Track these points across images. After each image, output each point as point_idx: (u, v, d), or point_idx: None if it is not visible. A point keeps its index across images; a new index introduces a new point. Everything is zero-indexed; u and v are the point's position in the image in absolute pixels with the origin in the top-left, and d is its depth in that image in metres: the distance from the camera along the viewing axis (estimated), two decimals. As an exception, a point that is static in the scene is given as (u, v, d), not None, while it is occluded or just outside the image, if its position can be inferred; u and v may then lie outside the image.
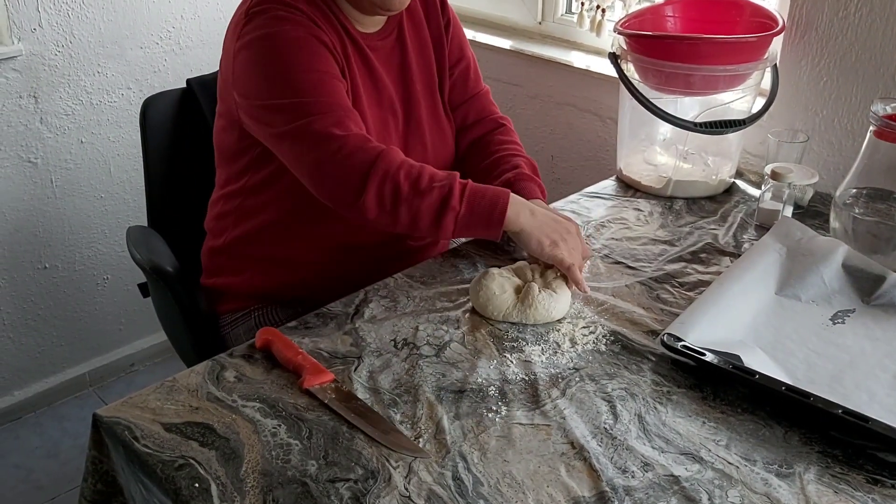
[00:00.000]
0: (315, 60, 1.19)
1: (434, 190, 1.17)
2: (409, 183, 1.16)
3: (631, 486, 0.90)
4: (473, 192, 1.19)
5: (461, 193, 1.18)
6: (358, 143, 1.16)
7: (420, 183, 1.17)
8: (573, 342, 1.14)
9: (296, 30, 1.19)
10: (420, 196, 1.16)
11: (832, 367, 1.08)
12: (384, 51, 1.33)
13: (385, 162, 1.16)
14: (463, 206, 1.17)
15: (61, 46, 1.99)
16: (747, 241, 1.41)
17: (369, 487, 0.89)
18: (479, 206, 1.18)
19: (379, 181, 1.16)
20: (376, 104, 1.32)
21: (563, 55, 2.02)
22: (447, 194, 1.17)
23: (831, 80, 1.56)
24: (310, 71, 1.18)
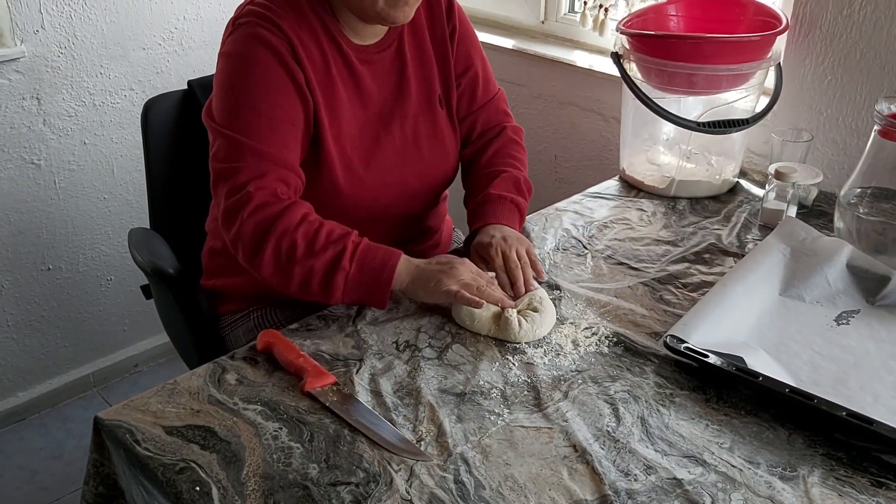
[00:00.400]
0: (273, 103, 1.20)
1: (328, 249, 1.16)
2: (305, 242, 1.16)
3: (634, 489, 0.90)
4: (364, 252, 1.17)
5: (352, 253, 1.16)
6: (264, 200, 1.17)
7: (316, 242, 1.16)
8: (575, 344, 1.14)
9: (268, 59, 1.20)
10: (314, 255, 1.16)
11: (836, 368, 1.08)
12: (381, 64, 1.32)
13: (285, 221, 1.16)
14: (353, 266, 1.16)
15: (64, 48, 1.99)
16: (751, 242, 1.40)
17: (371, 491, 0.89)
18: (369, 265, 1.16)
19: (276, 240, 1.16)
20: (363, 118, 1.30)
21: (566, 54, 2.01)
22: (340, 253, 1.16)
23: (835, 78, 1.56)
24: (264, 113, 1.19)
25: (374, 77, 1.31)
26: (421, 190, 1.38)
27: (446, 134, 1.39)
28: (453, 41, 1.39)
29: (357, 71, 1.29)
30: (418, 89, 1.35)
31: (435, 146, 1.38)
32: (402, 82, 1.34)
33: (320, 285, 1.17)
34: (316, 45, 1.24)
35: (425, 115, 1.36)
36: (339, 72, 1.27)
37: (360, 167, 1.29)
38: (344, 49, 1.27)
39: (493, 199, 1.34)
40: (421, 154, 1.36)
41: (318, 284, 1.17)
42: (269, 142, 1.20)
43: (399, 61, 1.33)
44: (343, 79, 1.28)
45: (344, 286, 1.16)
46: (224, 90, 1.23)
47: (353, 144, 1.28)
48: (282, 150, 1.21)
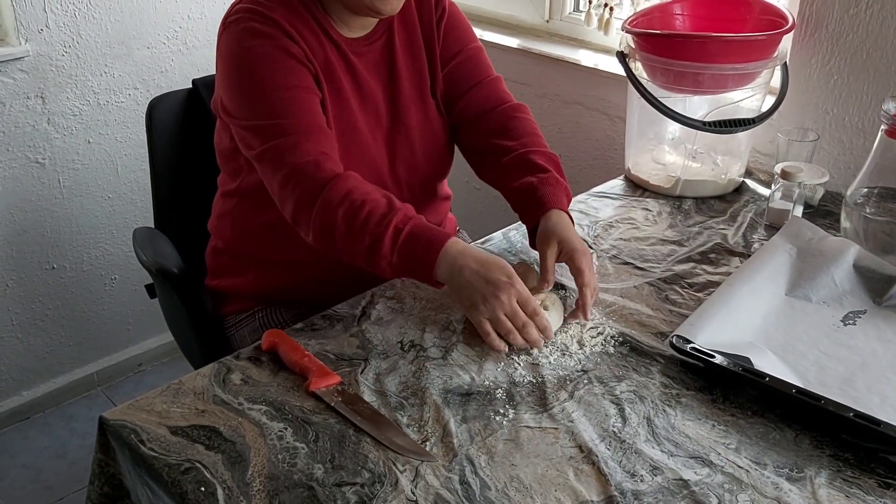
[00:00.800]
0: (283, 76, 1.20)
1: (366, 235, 1.12)
2: (345, 223, 1.13)
3: (640, 490, 0.89)
4: (407, 240, 1.12)
5: (393, 242, 1.11)
6: (309, 172, 1.16)
7: (355, 223, 1.13)
8: (581, 344, 1.13)
9: (264, 46, 1.20)
10: (352, 239, 1.13)
11: (843, 369, 1.07)
12: (371, 56, 1.31)
13: (328, 196, 1.14)
14: (395, 256, 1.12)
15: (68, 47, 1.99)
16: (757, 241, 1.40)
17: (376, 492, 0.89)
18: (410, 257, 1.12)
19: (320, 215, 1.15)
20: (360, 108, 1.30)
21: (570, 54, 2.01)
22: (377, 240, 1.12)
23: (842, 78, 1.55)
24: (278, 89, 1.19)
25: (367, 68, 1.31)
26: (414, 182, 1.38)
27: (437, 123, 1.39)
28: (440, 29, 1.37)
29: (352, 61, 1.29)
30: (409, 81, 1.35)
31: (427, 138, 1.37)
32: (392, 74, 1.33)
33: (369, 267, 1.15)
34: (312, 35, 1.24)
35: (417, 106, 1.36)
36: (337, 60, 1.27)
37: (353, 155, 1.29)
38: (336, 40, 1.27)
39: (553, 183, 1.27)
40: (413, 146, 1.36)
41: (366, 265, 1.15)
42: (292, 113, 1.19)
43: (388, 53, 1.33)
44: (342, 67, 1.28)
45: (391, 271, 1.15)
46: (234, 88, 1.23)
47: (351, 130, 1.29)
48: (306, 115, 1.19)
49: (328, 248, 1.17)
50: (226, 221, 1.40)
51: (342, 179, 1.16)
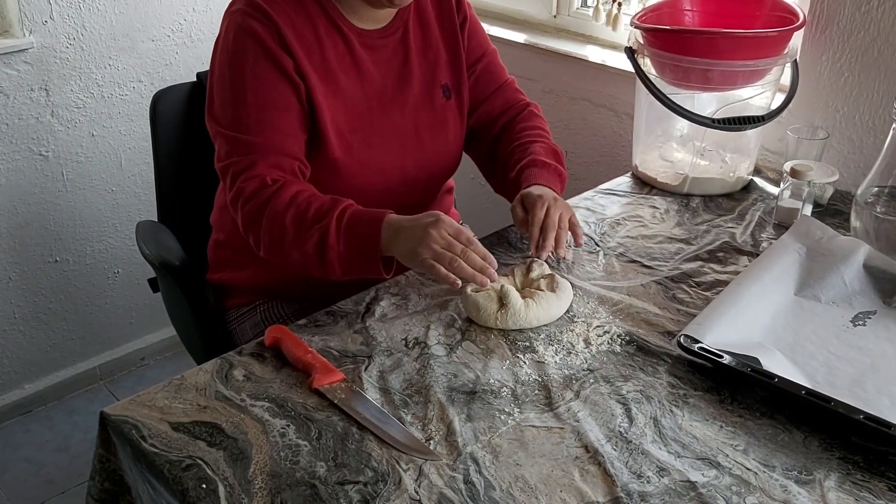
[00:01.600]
0: (262, 94, 1.21)
1: (315, 230, 1.15)
2: (294, 224, 1.16)
3: (646, 491, 0.88)
4: (349, 225, 1.14)
5: (337, 229, 1.14)
6: (253, 189, 1.19)
7: (303, 223, 1.15)
8: (587, 343, 1.12)
9: (255, 50, 1.21)
10: (302, 239, 1.16)
11: (853, 370, 1.06)
12: (384, 50, 1.31)
13: (274, 206, 1.17)
14: (341, 243, 1.14)
15: (72, 39, 1.98)
16: (765, 240, 1.38)
17: (379, 490, 0.88)
18: (355, 239, 1.14)
19: (269, 226, 1.17)
20: (363, 102, 1.30)
21: (578, 49, 1.99)
22: (325, 232, 1.14)
23: (852, 75, 1.53)
24: (252, 106, 1.21)
25: (377, 62, 1.31)
26: (420, 178, 1.37)
27: (450, 123, 1.38)
28: (464, 31, 1.39)
29: (358, 54, 1.28)
30: (421, 78, 1.35)
31: (436, 135, 1.37)
32: (404, 70, 1.33)
33: (319, 268, 1.17)
34: (311, 29, 1.24)
35: (427, 103, 1.36)
36: (339, 56, 1.27)
37: (358, 150, 1.29)
38: (345, 32, 1.27)
39: (538, 164, 1.33)
40: (421, 142, 1.35)
41: (317, 267, 1.17)
42: (260, 131, 1.21)
43: (403, 49, 1.33)
44: (342, 63, 1.27)
45: (340, 265, 1.16)
46: (217, 89, 1.25)
47: (352, 127, 1.28)
48: (273, 136, 1.21)
49: (279, 256, 1.20)
50: (227, 214, 1.39)
51: (286, 188, 1.19)
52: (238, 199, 1.20)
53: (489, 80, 1.44)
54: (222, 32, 1.26)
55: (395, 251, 1.14)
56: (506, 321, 1.13)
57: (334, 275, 1.17)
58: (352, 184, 1.29)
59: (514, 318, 1.13)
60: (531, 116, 1.45)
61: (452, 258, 1.11)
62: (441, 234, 1.12)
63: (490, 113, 1.45)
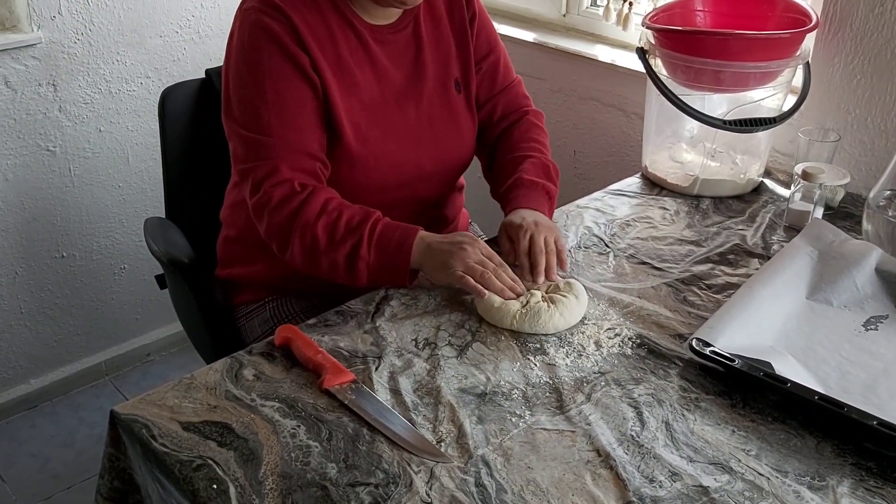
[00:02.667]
0: (285, 91, 1.21)
1: (347, 240, 1.18)
2: (326, 234, 1.18)
3: (658, 496, 0.88)
4: (381, 237, 1.18)
5: (369, 240, 1.18)
6: (282, 196, 1.19)
7: (336, 233, 1.18)
8: (598, 345, 1.12)
9: (271, 49, 1.20)
10: (335, 247, 1.18)
11: (865, 375, 1.05)
12: (397, 45, 1.31)
13: (304, 215, 1.19)
14: (372, 253, 1.17)
15: (81, 34, 1.97)
16: (776, 243, 1.38)
17: (390, 492, 0.87)
18: (385, 252, 1.18)
19: (300, 234, 1.19)
20: (378, 97, 1.30)
21: (587, 49, 1.99)
22: (357, 242, 1.17)
23: (865, 78, 1.52)
24: (272, 106, 1.21)
25: (390, 57, 1.31)
26: (435, 173, 1.37)
27: (462, 118, 1.38)
28: (473, 27, 1.38)
29: (372, 50, 1.28)
30: (434, 72, 1.35)
31: (450, 129, 1.37)
32: (417, 64, 1.33)
33: (345, 275, 1.20)
34: (324, 25, 1.24)
35: (441, 97, 1.36)
36: (352, 51, 1.27)
37: (374, 144, 1.29)
38: (357, 28, 1.27)
39: (524, 184, 1.32)
40: (436, 136, 1.35)
41: (344, 274, 1.20)
42: (279, 132, 1.21)
43: (415, 43, 1.33)
44: (356, 58, 1.27)
45: (367, 273, 1.19)
46: (233, 88, 1.25)
47: (368, 121, 1.28)
48: (293, 135, 1.22)
49: (309, 264, 1.22)
50: (239, 210, 1.39)
51: (315, 195, 1.20)
52: (266, 206, 1.20)
53: (496, 79, 1.43)
54: (235, 31, 1.25)
55: (424, 264, 1.19)
56: (523, 324, 1.13)
57: (359, 282, 1.20)
58: (368, 178, 1.29)
59: (531, 322, 1.12)
60: (531, 127, 1.44)
61: (483, 272, 1.16)
62: (475, 253, 1.17)
63: (494, 113, 1.44)
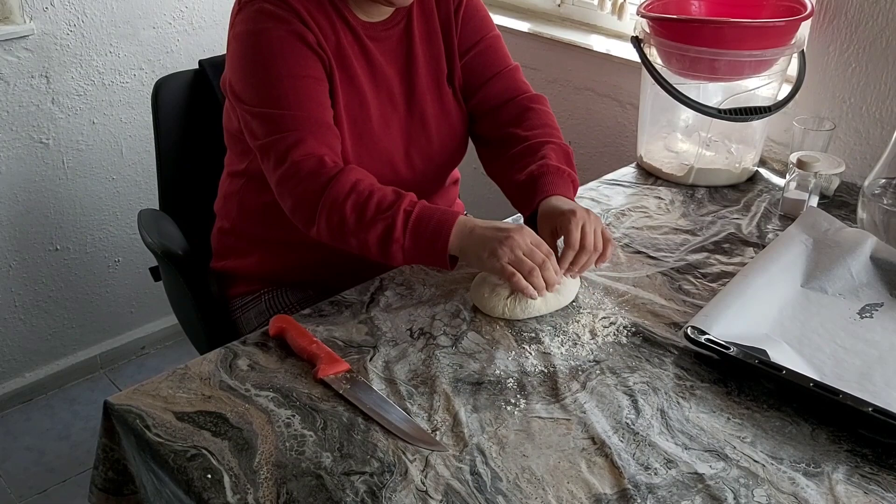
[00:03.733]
0: (295, 63, 1.18)
1: (378, 222, 1.13)
2: (355, 214, 1.14)
3: (654, 483, 0.88)
4: (418, 220, 1.13)
5: (404, 224, 1.12)
6: (311, 169, 1.15)
7: (366, 213, 1.13)
8: (593, 334, 1.12)
9: (278, 28, 1.18)
10: (365, 228, 1.14)
11: (860, 362, 1.05)
12: (389, 42, 1.30)
13: (334, 191, 1.14)
14: (407, 238, 1.13)
15: (73, 26, 1.96)
16: (771, 232, 1.38)
17: (385, 481, 0.87)
18: (422, 236, 1.13)
19: (327, 212, 1.15)
20: (374, 94, 1.29)
21: (582, 38, 1.98)
22: (390, 225, 1.12)
23: (860, 66, 1.52)
24: (289, 77, 1.18)
25: (383, 53, 1.30)
26: (428, 168, 1.36)
27: (453, 114, 1.37)
28: (458, 17, 1.35)
29: (367, 47, 1.27)
30: (426, 68, 1.33)
31: (443, 126, 1.36)
32: (409, 60, 1.32)
33: (379, 255, 1.15)
34: (325, 18, 1.23)
35: (433, 94, 1.34)
36: (351, 46, 1.26)
37: (368, 140, 1.28)
38: (352, 23, 1.26)
39: (553, 171, 1.26)
40: (429, 133, 1.34)
41: (377, 255, 1.15)
42: (299, 105, 1.18)
43: (407, 39, 1.32)
44: (355, 53, 1.26)
45: (403, 256, 1.15)
46: (243, 71, 1.22)
47: (364, 116, 1.27)
48: (314, 109, 1.19)
49: (338, 241, 1.18)
50: (232, 202, 1.39)
51: (345, 173, 1.16)
52: (293, 178, 1.16)
53: (486, 66, 1.37)
54: (237, 23, 1.23)
55: (465, 251, 1.13)
56: (514, 310, 1.13)
57: (395, 263, 1.17)
58: None
59: (523, 307, 1.12)
60: (539, 112, 1.37)
61: (532, 268, 1.10)
62: (525, 241, 1.11)
63: (488, 99, 1.38)
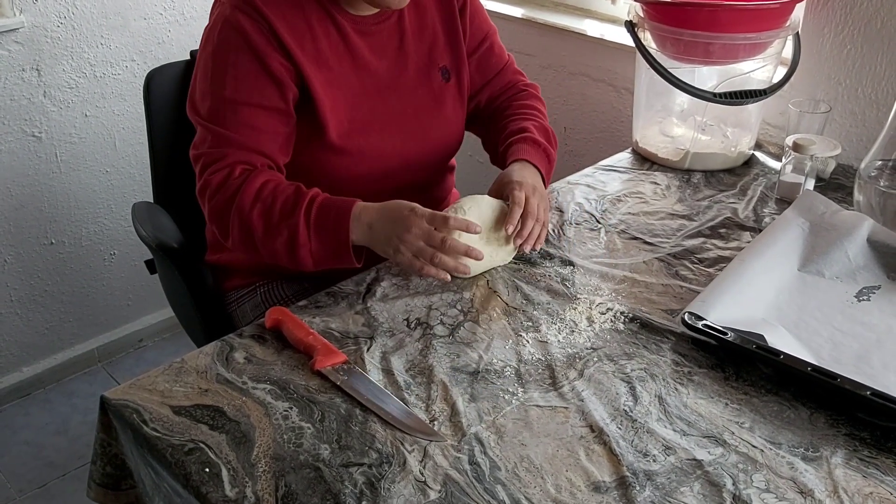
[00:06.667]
0: (249, 94, 1.19)
1: (282, 229, 1.14)
2: (261, 221, 1.15)
3: (652, 470, 0.88)
4: (318, 219, 1.13)
5: (307, 225, 1.13)
6: (220, 181, 1.17)
7: (271, 220, 1.15)
8: (590, 321, 1.11)
9: (241, 55, 1.19)
10: (272, 236, 1.15)
11: (858, 346, 1.05)
12: (380, 35, 1.29)
13: (240, 201, 1.15)
14: (313, 240, 1.14)
15: (63, 18, 1.95)
16: (768, 216, 1.37)
17: (384, 472, 0.87)
18: (326, 234, 1.14)
19: (238, 222, 1.17)
20: (359, 89, 1.28)
21: (576, 23, 1.97)
22: (294, 229, 1.13)
23: (855, 48, 1.51)
24: (239, 104, 1.19)
25: (373, 48, 1.29)
26: (421, 161, 1.36)
27: (450, 107, 1.37)
28: (464, 16, 1.37)
29: (353, 42, 1.26)
30: (418, 61, 1.33)
31: (436, 118, 1.35)
32: (400, 54, 1.31)
33: (290, 263, 1.17)
34: (302, 19, 1.22)
35: (425, 87, 1.34)
36: (332, 45, 1.25)
37: (357, 137, 1.27)
38: (337, 20, 1.25)
39: (529, 142, 1.32)
40: (421, 126, 1.34)
41: (288, 262, 1.17)
42: (235, 128, 1.19)
43: (399, 32, 1.31)
44: (336, 51, 1.25)
45: (313, 260, 1.16)
46: (199, 77, 1.24)
47: (351, 115, 1.27)
48: (248, 134, 1.20)
49: (250, 251, 1.19)
50: None
51: (251, 180, 1.17)
52: (205, 191, 1.19)
53: (491, 64, 1.43)
54: (210, 22, 1.24)
55: (371, 243, 1.15)
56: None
57: (306, 268, 1.17)
58: (353, 170, 1.28)
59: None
60: (530, 97, 1.45)
61: (434, 253, 1.11)
62: (421, 227, 1.11)
63: (493, 96, 1.45)
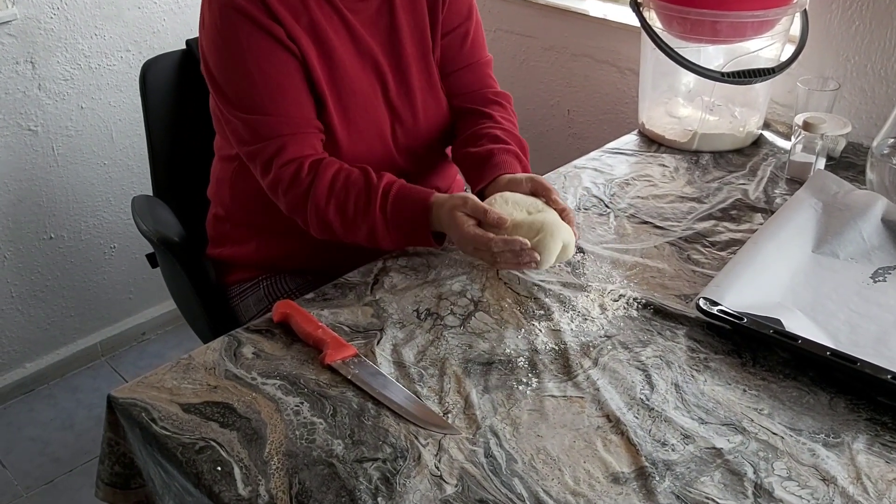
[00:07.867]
0: (266, 67, 1.18)
1: (360, 225, 1.18)
2: (338, 218, 1.18)
3: (672, 459, 0.86)
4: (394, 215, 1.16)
5: (384, 222, 1.16)
6: (291, 177, 1.19)
7: (346, 216, 1.18)
8: (603, 308, 1.10)
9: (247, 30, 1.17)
10: (352, 230, 1.19)
11: (876, 328, 1.04)
12: (368, 13, 1.26)
13: (315, 197, 1.18)
14: (391, 232, 1.17)
15: (57, 9, 1.91)
16: (779, 196, 1.35)
17: (399, 467, 0.86)
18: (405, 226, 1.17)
19: (314, 217, 1.20)
20: (359, 67, 1.25)
21: (578, 4, 1.94)
22: (372, 226, 1.17)
23: (864, 24, 1.49)
24: (261, 83, 1.18)
25: (364, 25, 1.26)
26: (415, 147, 1.33)
27: (439, 87, 1.34)
28: None
29: (348, 19, 1.24)
30: (411, 40, 1.29)
31: (430, 98, 1.32)
32: (392, 32, 1.28)
33: (374, 249, 1.21)
34: None
35: (419, 65, 1.30)
36: (327, 17, 1.22)
37: (355, 116, 1.25)
38: None
39: (511, 153, 1.26)
40: (415, 107, 1.31)
41: (372, 248, 1.21)
42: (276, 109, 1.19)
43: (388, 10, 1.27)
44: (335, 27, 1.23)
45: (395, 245, 1.20)
46: (218, 71, 1.21)
47: (349, 91, 1.24)
48: (290, 107, 1.19)
49: (334, 239, 1.22)
50: (224, 187, 1.36)
51: (321, 175, 1.18)
52: (278, 188, 1.20)
53: (463, 53, 1.35)
54: (206, 13, 1.21)
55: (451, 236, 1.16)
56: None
57: (391, 250, 1.22)
58: (352, 151, 1.25)
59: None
60: (501, 107, 1.36)
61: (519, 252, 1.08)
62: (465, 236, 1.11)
63: (458, 88, 1.36)
